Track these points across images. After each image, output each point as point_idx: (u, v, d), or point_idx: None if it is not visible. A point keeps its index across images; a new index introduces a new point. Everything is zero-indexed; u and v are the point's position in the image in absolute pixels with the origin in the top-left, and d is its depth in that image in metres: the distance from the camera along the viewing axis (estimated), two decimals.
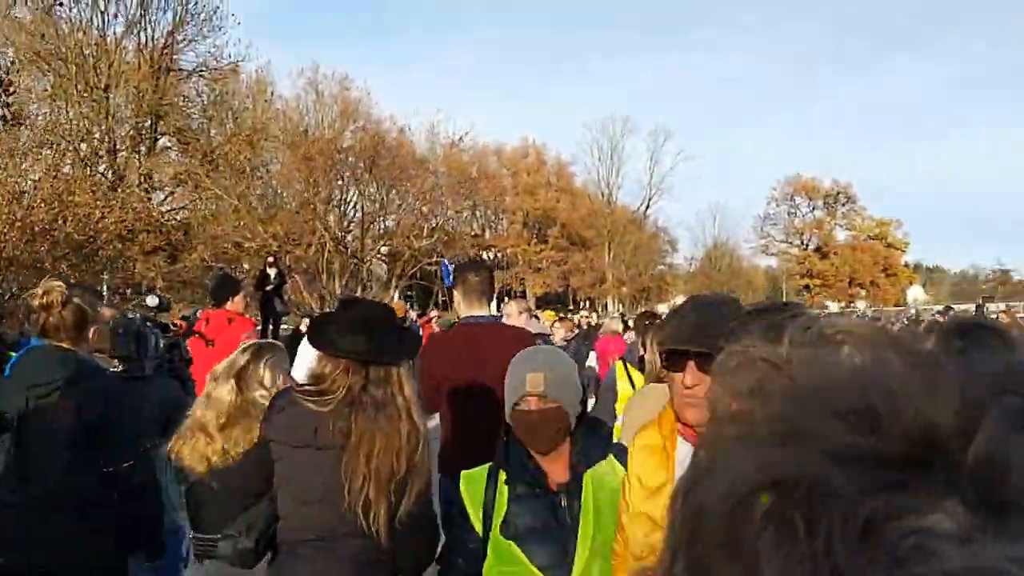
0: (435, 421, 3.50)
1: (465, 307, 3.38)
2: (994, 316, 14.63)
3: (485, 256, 52.10)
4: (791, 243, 74.09)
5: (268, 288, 12.20)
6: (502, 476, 1.96)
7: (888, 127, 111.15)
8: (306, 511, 2.12)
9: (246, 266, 21.37)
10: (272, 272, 12.22)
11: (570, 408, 1.94)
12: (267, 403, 2.44)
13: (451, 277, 13.69)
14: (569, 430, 1.94)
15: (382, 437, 2.13)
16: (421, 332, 11.59)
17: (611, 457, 1.99)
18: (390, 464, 2.12)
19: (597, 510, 1.89)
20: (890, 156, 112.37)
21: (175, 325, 5.15)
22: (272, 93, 30.31)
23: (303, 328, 7.82)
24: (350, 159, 30.35)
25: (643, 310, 10.95)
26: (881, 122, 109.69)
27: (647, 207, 62.71)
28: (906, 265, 76.45)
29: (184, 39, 27.67)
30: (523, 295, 52.92)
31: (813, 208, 74.02)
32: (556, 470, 1.92)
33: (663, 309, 30.91)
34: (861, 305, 55.24)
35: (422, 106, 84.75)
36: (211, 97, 26.72)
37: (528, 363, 1.90)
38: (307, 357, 2.88)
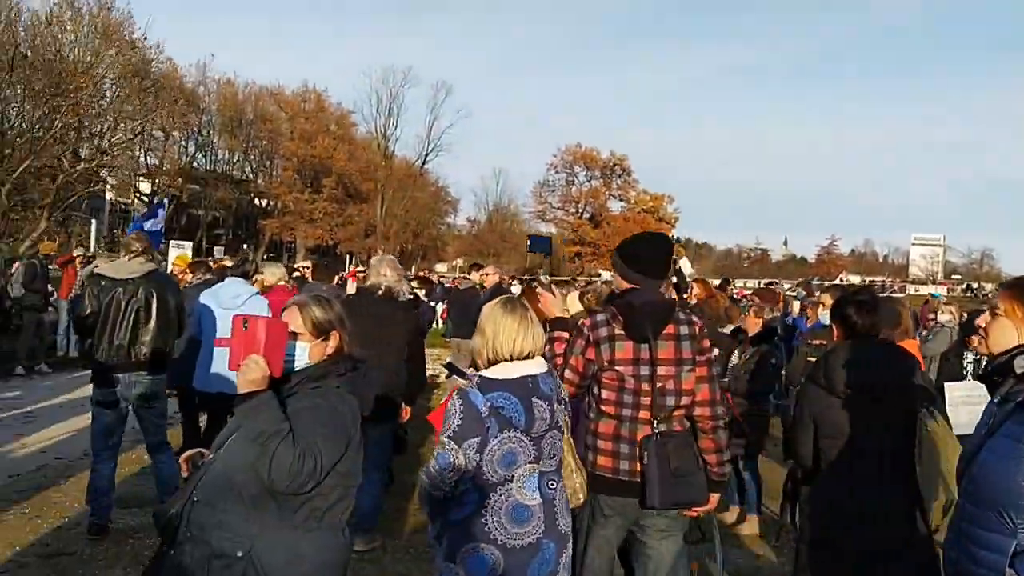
0: None
1: None
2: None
3: (256, 203, 62.09)
4: (567, 211, 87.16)
5: None
6: None
7: (664, 108, 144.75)
8: None
9: None
10: None
11: None
12: None
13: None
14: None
15: None
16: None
17: None
18: None
19: None
20: (663, 135, 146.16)
21: None
22: (49, 17, 32.30)
23: None
24: (108, 86, 33.08)
25: None
26: (658, 102, 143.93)
27: (424, 162, 71.66)
28: (677, 240, 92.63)
29: None
30: (291, 245, 62.59)
31: (590, 178, 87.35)
32: None
33: (440, 268, 59.95)
34: None
35: (192, 38, 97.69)
36: None
37: None
38: None
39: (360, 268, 20.62)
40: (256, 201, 63.42)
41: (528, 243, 20.09)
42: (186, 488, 2.98)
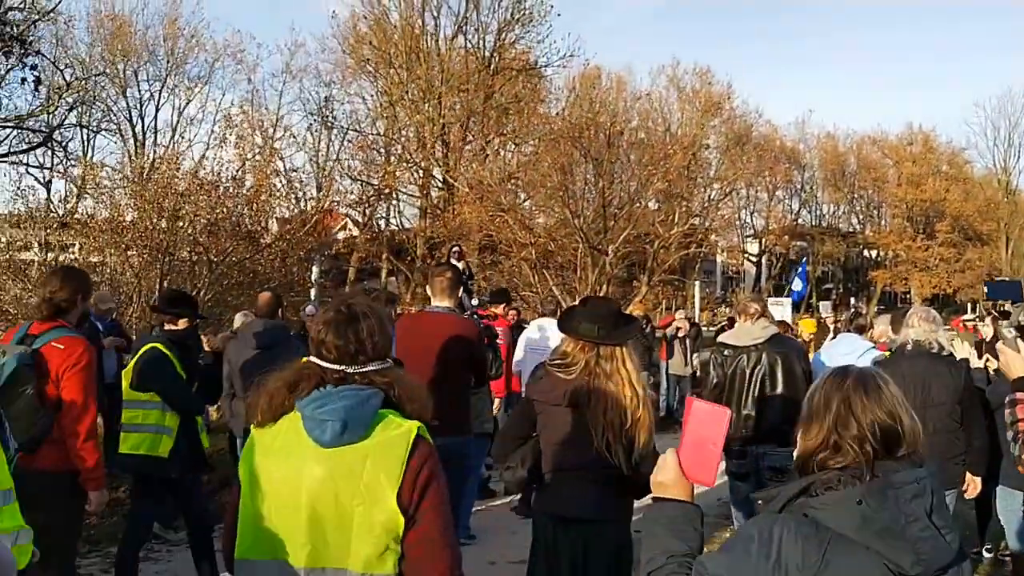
0: None
1: (435, 299, 5.49)
2: None
3: (865, 255, 59.64)
4: None
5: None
6: None
7: None
8: (560, 450, 3.60)
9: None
10: (459, 265, 13.38)
11: None
12: None
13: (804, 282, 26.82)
14: None
15: (611, 398, 3.50)
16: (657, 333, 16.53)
17: None
18: (619, 417, 3.51)
19: None
20: None
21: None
22: (632, 93, 36.10)
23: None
24: (712, 155, 35.12)
25: None
26: None
27: None
28: None
29: (512, 38, 33.14)
30: (907, 297, 57.23)
31: None
32: None
33: None
34: None
35: (789, 97, 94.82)
36: (570, 98, 30.66)
37: None
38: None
39: (968, 317, 18.64)
40: (864, 252, 61.39)
41: (985, 290, 15.60)
42: None
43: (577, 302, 4.01)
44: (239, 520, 2.40)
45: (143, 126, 37.23)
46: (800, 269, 25.75)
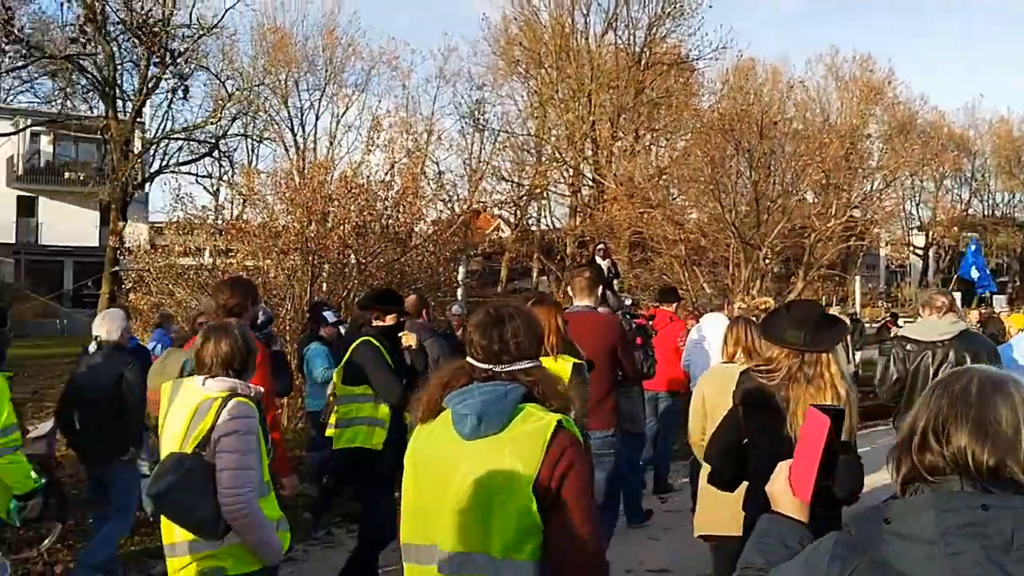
0: None
1: (576, 298, 5.86)
2: None
3: None
4: None
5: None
6: None
7: None
8: (760, 454, 3.62)
9: None
10: (604, 264, 13.43)
11: None
12: None
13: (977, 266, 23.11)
14: None
15: (812, 402, 3.40)
16: None
17: None
18: None
19: None
20: None
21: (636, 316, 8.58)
22: (790, 83, 35.56)
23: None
24: (874, 144, 34.06)
25: None
26: None
27: None
28: None
29: (663, 33, 33.41)
30: None
31: None
32: None
33: None
34: None
35: (957, 82, 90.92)
36: (725, 90, 30.18)
37: None
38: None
39: None
40: None
41: None
42: None
43: (782, 307, 4.03)
44: (402, 508, 2.63)
45: (303, 134, 39.22)
46: (976, 260, 22.92)
